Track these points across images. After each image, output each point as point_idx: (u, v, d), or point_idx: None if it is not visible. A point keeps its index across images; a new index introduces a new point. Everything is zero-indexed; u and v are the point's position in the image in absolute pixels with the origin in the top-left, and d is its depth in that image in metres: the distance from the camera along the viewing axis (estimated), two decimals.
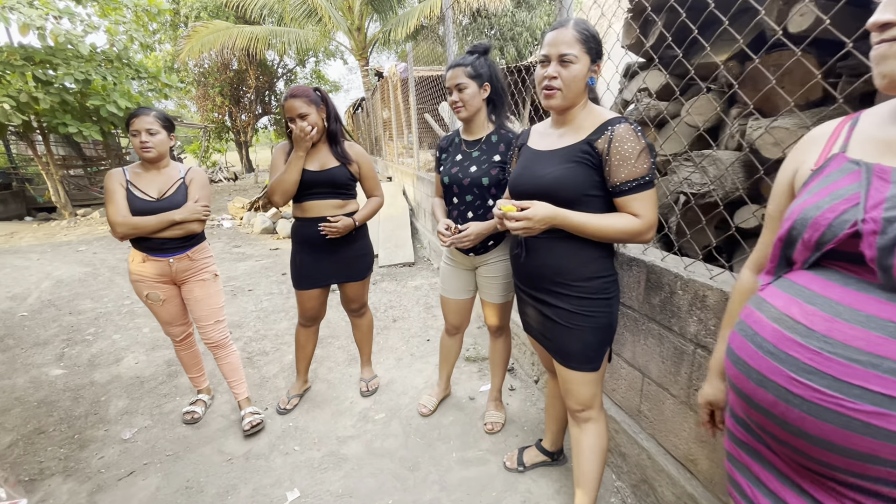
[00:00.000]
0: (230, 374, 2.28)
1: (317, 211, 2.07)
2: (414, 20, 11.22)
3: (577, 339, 1.35)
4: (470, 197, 1.82)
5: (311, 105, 1.93)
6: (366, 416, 2.30)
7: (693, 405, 1.40)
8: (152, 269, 2.05)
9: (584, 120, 1.28)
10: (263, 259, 5.54)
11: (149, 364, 2.96)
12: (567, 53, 1.21)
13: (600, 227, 1.23)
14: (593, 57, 1.24)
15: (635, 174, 1.18)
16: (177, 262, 2.06)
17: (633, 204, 1.21)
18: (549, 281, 1.35)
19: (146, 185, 2.00)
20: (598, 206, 1.27)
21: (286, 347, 3.10)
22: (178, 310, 2.19)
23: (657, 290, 1.50)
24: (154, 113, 1.96)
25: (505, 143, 1.79)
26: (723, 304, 1.25)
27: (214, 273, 2.21)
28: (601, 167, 1.23)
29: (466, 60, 1.75)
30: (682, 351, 1.42)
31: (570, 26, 1.23)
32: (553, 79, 1.25)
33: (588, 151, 1.24)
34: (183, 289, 2.14)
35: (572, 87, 1.24)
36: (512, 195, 1.47)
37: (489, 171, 1.77)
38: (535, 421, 2.20)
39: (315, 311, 2.28)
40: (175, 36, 16.51)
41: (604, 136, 1.21)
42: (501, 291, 1.95)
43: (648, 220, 1.22)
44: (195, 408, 2.35)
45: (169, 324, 2.21)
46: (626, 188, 1.20)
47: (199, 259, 2.12)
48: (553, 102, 1.28)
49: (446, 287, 2.08)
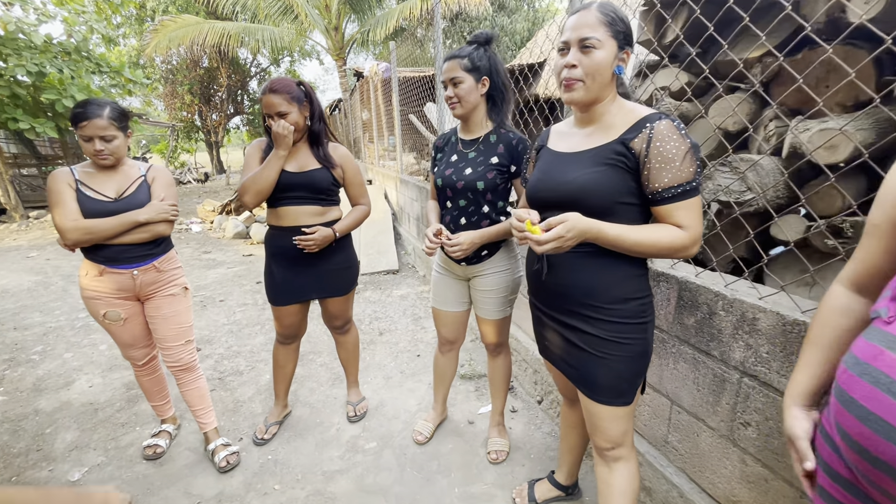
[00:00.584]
0: (197, 401, 2.01)
1: (293, 218, 1.83)
2: (393, 21, 11.01)
3: (608, 369, 1.16)
4: (463, 201, 1.64)
5: (293, 103, 1.71)
6: (355, 446, 2.07)
7: (738, 440, 1.24)
8: (111, 283, 1.77)
9: (615, 116, 1.11)
10: (236, 266, 5.20)
11: (105, 388, 2.63)
12: (589, 37, 1.04)
13: (640, 241, 1.05)
14: (621, 42, 1.06)
15: (680, 179, 1.01)
16: (141, 275, 1.78)
17: (677, 213, 1.04)
18: (577, 302, 1.17)
19: (101, 184, 1.72)
20: (633, 216, 1.10)
21: (263, 366, 2.83)
22: (140, 330, 1.91)
23: (692, 309, 1.34)
24: (107, 112, 1.64)
25: (504, 143, 1.61)
26: (779, 329, 1.09)
27: (184, 286, 1.94)
28: (637, 171, 1.06)
29: (464, 52, 1.57)
30: (724, 379, 1.26)
31: (593, 7, 1.06)
32: (573, 68, 1.07)
33: (622, 153, 1.06)
34: (147, 305, 1.87)
35: (596, 76, 1.06)
36: (531, 203, 1.28)
37: (485, 174, 1.59)
38: (542, 447, 2.01)
39: (295, 328, 2.04)
40: (140, 30, 15.76)
41: (641, 135, 1.04)
42: (498, 306, 1.77)
43: (695, 232, 1.04)
44: (158, 440, 2.06)
45: (130, 346, 1.92)
46: (668, 195, 1.03)
47: (167, 270, 1.85)
48: (574, 95, 1.10)
49: (438, 297, 1.88)
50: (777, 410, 1.12)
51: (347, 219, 1.94)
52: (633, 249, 1.06)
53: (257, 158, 1.80)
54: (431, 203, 1.86)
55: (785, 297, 1.14)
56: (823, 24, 1.29)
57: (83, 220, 1.66)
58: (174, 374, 1.96)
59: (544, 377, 2.24)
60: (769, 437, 1.15)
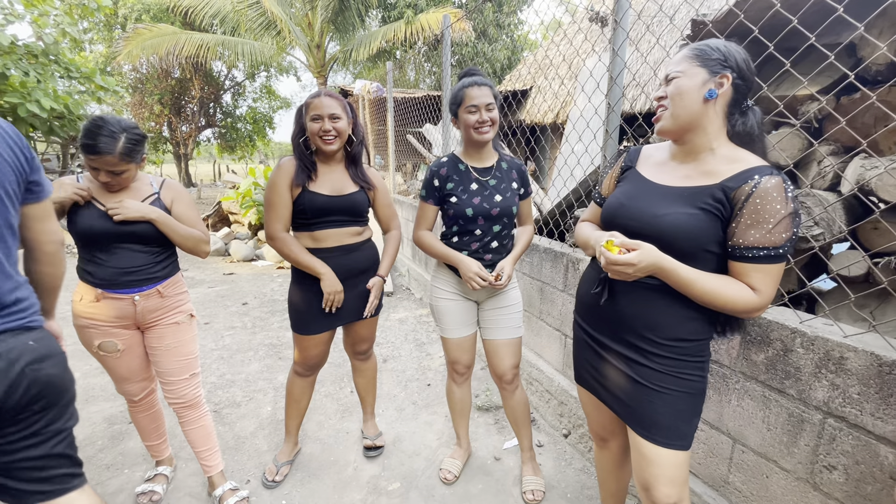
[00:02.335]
0: (201, 441, 1.79)
1: (335, 240, 1.74)
2: (377, 42, 11.10)
3: (667, 405, 1.09)
4: (498, 227, 1.68)
5: (346, 111, 1.67)
6: (377, 487, 1.91)
7: (820, 484, 1.20)
8: (109, 309, 1.58)
9: (721, 161, 1.03)
10: (217, 285, 4.91)
11: (83, 423, 2.35)
12: (673, 71, 1.06)
13: (708, 292, 1.00)
14: (712, 68, 1.01)
15: (768, 242, 0.95)
16: (143, 300, 1.60)
17: (753, 275, 0.98)
18: (635, 334, 1.11)
19: (111, 198, 1.55)
20: (712, 265, 1.04)
21: (261, 396, 2.62)
22: (139, 362, 1.71)
23: (762, 345, 1.30)
24: (120, 146, 1.45)
25: (516, 169, 1.74)
26: (873, 370, 1.07)
27: (190, 313, 1.76)
28: (728, 220, 1.01)
29: (488, 81, 1.62)
30: (803, 419, 1.22)
31: (684, 50, 1.08)
32: (661, 98, 1.08)
33: (720, 200, 1.00)
34: (149, 335, 1.67)
35: (678, 101, 1.03)
36: (607, 225, 1.21)
37: (514, 199, 1.69)
38: (577, 486, 1.92)
39: (320, 357, 1.90)
40: (109, 37, 15.20)
41: (745, 186, 0.97)
42: (517, 322, 1.78)
43: (766, 298, 0.99)
44: (154, 486, 1.83)
45: (126, 380, 1.71)
46: (749, 255, 0.97)
47: (171, 296, 1.67)
48: (662, 124, 1.08)
49: (452, 325, 1.79)
50: (871, 454, 1.09)
51: (388, 257, 1.89)
52: (698, 296, 1.01)
53: (286, 185, 1.66)
54: (429, 234, 1.75)
55: (874, 336, 1.12)
56: (885, 67, 1.33)
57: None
58: (176, 411, 1.75)
59: (571, 409, 2.16)
60: (861, 482, 1.11)
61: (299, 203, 1.68)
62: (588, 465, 2.03)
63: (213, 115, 19.49)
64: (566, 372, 2.25)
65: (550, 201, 2.87)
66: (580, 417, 2.10)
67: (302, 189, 1.67)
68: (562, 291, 2.22)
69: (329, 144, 1.66)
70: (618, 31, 1.74)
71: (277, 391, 2.67)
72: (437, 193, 1.69)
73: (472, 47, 13.68)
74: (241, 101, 20.64)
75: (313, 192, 1.68)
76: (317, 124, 1.63)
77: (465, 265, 1.62)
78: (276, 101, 21.63)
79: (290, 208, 1.69)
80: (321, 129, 1.63)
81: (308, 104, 1.65)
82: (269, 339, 3.45)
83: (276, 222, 1.68)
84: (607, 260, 1.00)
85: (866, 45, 1.38)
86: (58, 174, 11.31)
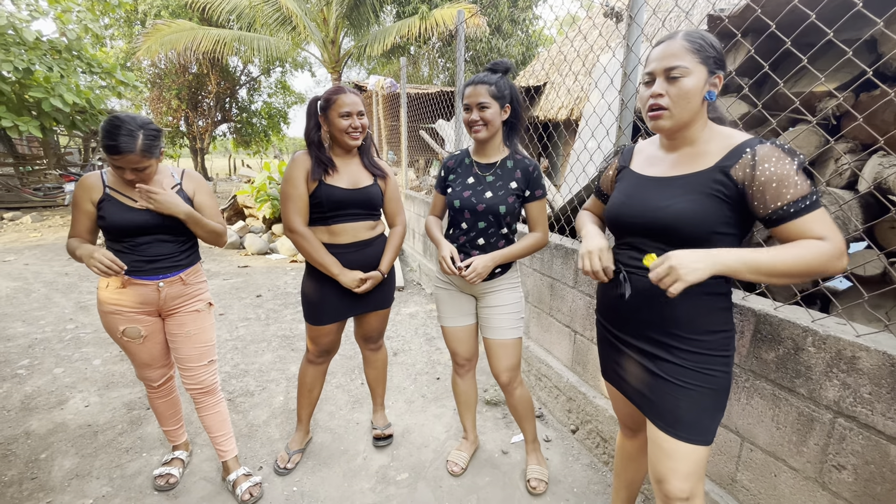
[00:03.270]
0: (217, 427, 1.85)
1: (351, 235, 1.77)
2: (391, 38, 11.11)
3: (692, 401, 1.09)
4: (483, 224, 1.65)
5: (364, 108, 1.73)
6: (385, 477, 1.95)
7: (828, 483, 1.19)
8: (134, 296, 1.64)
9: (709, 143, 1.06)
10: (232, 278, 5.00)
11: (103, 408, 2.44)
12: (676, 66, 1.01)
13: (789, 261, 0.91)
14: (711, 67, 1.02)
15: (803, 191, 0.93)
16: (167, 287, 1.66)
17: (812, 226, 0.93)
18: (658, 330, 1.12)
19: (135, 192, 1.60)
20: (727, 246, 1.06)
21: (274, 386, 2.67)
22: (161, 349, 1.77)
23: (772, 343, 1.30)
24: (140, 144, 1.48)
25: (521, 169, 1.64)
26: (885, 369, 1.06)
27: (209, 302, 1.82)
28: (737, 201, 1.02)
29: (491, 79, 1.58)
30: (812, 418, 1.21)
31: (678, 37, 1.04)
32: (659, 97, 1.04)
33: (721, 181, 1.01)
34: (169, 322, 1.73)
35: (683, 105, 1.03)
36: (612, 228, 1.23)
37: (506, 198, 1.62)
38: (584, 481, 1.93)
39: (332, 345, 1.94)
40: (130, 32, 15.46)
41: (742, 161, 0.99)
42: (512, 324, 1.72)
43: (839, 241, 0.92)
44: (171, 469, 1.89)
45: (148, 366, 1.78)
46: (796, 209, 0.93)
47: (193, 284, 1.74)
48: (661, 124, 1.07)
49: (446, 314, 1.82)
50: (881, 454, 1.08)
51: (390, 252, 1.89)
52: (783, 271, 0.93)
53: (302, 179, 1.70)
54: (433, 219, 1.83)
55: (888, 336, 1.11)
56: None
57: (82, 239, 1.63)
58: (193, 397, 1.81)
59: (579, 405, 2.17)
60: (870, 482, 1.10)
61: (316, 196, 1.71)
62: (595, 461, 2.04)
63: (228, 109, 19.76)
64: (575, 368, 2.25)
65: (562, 198, 2.87)
66: (588, 413, 2.10)
67: (319, 183, 1.70)
68: (572, 288, 2.22)
69: (356, 140, 1.72)
70: (632, 27, 1.73)
71: (290, 381, 2.72)
72: (443, 183, 1.76)
73: (486, 43, 13.62)
74: (256, 96, 20.88)
75: (331, 185, 1.71)
76: (346, 121, 1.68)
77: (440, 248, 1.65)
78: (290, 96, 21.83)
79: (307, 201, 1.72)
80: (351, 125, 1.68)
81: (334, 100, 1.68)
82: (283, 331, 3.51)
83: (295, 215, 1.71)
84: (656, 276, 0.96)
85: (887, 40, 1.35)
86: (80, 167, 11.59)
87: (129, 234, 1.59)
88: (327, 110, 1.70)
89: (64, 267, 5.39)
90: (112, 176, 1.63)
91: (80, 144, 12.61)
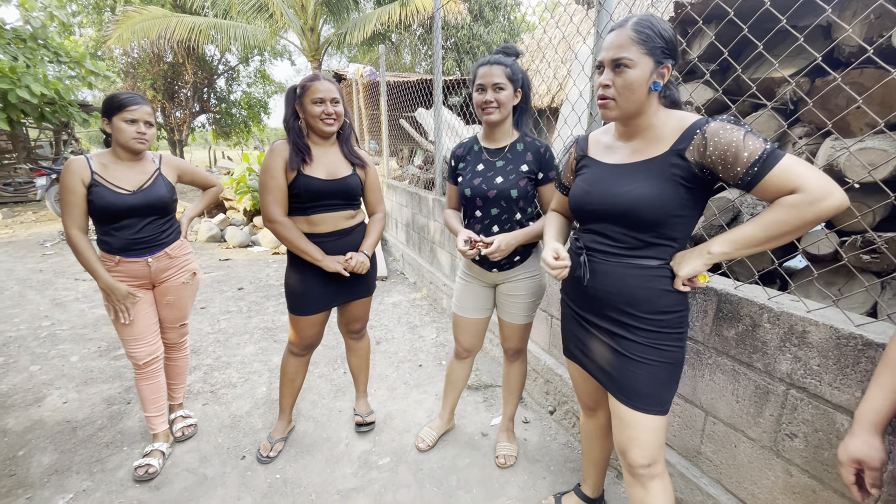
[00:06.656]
0: (176, 375, 2.16)
1: (331, 224, 1.78)
2: (371, 25, 10.92)
3: (649, 374, 1.15)
4: (496, 210, 1.64)
5: (341, 96, 1.73)
6: (367, 462, 1.98)
7: (782, 451, 1.26)
8: (126, 273, 1.82)
9: (662, 128, 1.10)
10: (213, 271, 4.95)
11: (81, 404, 2.42)
12: (620, 57, 1.04)
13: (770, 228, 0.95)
14: (658, 58, 1.04)
15: (759, 149, 0.94)
16: (155, 262, 1.85)
17: (784, 178, 0.92)
18: (617, 310, 1.17)
19: (119, 177, 1.74)
20: (684, 227, 1.11)
21: (256, 377, 2.68)
22: (150, 321, 1.90)
23: (732, 321, 1.35)
24: (149, 104, 1.76)
25: (532, 151, 1.63)
26: (832, 342, 1.12)
27: (193, 271, 1.99)
28: (694, 182, 1.05)
29: (507, 60, 1.57)
30: (768, 391, 1.28)
31: (628, 26, 1.06)
32: (606, 87, 1.08)
33: (676, 164, 1.05)
34: (158, 290, 1.92)
35: (627, 96, 1.06)
36: (576, 214, 1.27)
37: (517, 182, 1.61)
38: (560, 459, 1.99)
39: (315, 337, 1.95)
40: (99, 20, 14.92)
41: (694, 142, 1.02)
42: (526, 311, 1.77)
43: (812, 187, 0.90)
44: (151, 460, 1.90)
45: (137, 339, 1.86)
46: (758, 168, 0.94)
47: (178, 256, 1.94)
48: (608, 114, 1.12)
49: (462, 305, 1.86)
50: (828, 422, 1.15)
51: (372, 236, 1.90)
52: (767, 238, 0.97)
53: (281, 168, 1.68)
54: (451, 212, 1.86)
55: (836, 311, 1.17)
56: (857, 48, 1.35)
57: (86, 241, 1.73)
58: (166, 352, 2.08)
59: (556, 387, 2.23)
60: (818, 448, 1.17)
61: (294, 187, 1.70)
62: (572, 440, 2.11)
63: (207, 100, 19.26)
64: (552, 351, 2.31)
65: None
66: (565, 395, 2.16)
67: (297, 173, 1.69)
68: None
69: (330, 126, 1.71)
70: (601, 13, 1.75)
71: (272, 372, 2.73)
72: (453, 172, 1.76)
73: (467, 30, 13.49)
74: (235, 85, 20.38)
75: (309, 175, 1.70)
76: (319, 107, 1.67)
77: (458, 237, 1.63)
78: (270, 85, 21.36)
79: (286, 191, 1.71)
80: (324, 111, 1.67)
81: (308, 87, 1.67)
82: (265, 323, 3.51)
83: (274, 205, 1.70)
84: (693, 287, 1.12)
85: (840, 27, 1.40)
86: (51, 161, 11.23)
87: (119, 216, 1.73)
88: (302, 97, 1.69)
89: (38, 264, 5.27)
90: (98, 163, 1.72)
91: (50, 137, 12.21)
